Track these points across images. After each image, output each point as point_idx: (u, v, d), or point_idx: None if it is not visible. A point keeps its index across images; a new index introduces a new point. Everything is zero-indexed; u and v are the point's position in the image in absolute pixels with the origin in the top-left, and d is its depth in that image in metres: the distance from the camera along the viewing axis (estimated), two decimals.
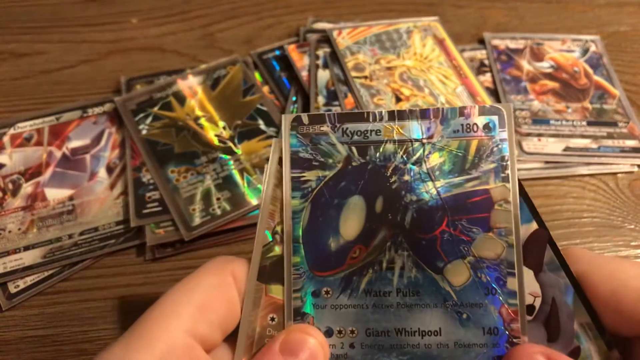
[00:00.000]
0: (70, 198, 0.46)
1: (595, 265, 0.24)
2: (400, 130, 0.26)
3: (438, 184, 0.26)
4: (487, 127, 0.26)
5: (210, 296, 0.24)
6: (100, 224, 0.45)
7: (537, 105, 0.52)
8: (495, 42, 0.58)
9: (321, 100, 0.51)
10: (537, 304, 0.24)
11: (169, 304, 0.24)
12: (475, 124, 0.26)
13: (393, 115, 0.26)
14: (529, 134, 0.50)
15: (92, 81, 0.55)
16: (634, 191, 0.48)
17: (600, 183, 0.48)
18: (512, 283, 0.24)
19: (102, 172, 0.48)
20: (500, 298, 0.24)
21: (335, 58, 0.54)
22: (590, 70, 0.55)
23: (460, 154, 0.26)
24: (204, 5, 0.62)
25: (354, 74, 0.52)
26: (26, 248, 0.44)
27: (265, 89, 0.54)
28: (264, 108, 0.51)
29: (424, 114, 0.26)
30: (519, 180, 0.25)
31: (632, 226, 0.45)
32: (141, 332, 0.23)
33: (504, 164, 0.25)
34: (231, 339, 0.26)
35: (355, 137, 0.26)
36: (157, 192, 0.46)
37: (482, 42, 0.58)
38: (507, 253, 0.25)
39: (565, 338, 0.24)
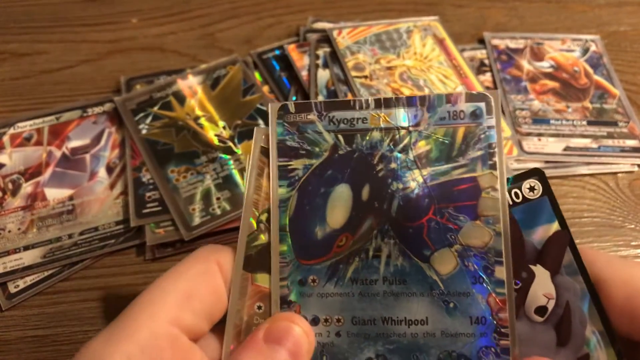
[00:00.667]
0: (70, 198, 0.46)
1: (611, 269, 0.24)
2: (386, 118, 0.26)
3: (424, 171, 0.25)
4: (474, 115, 0.25)
5: (195, 284, 0.24)
6: (100, 223, 0.45)
7: (537, 104, 0.52)
8: (495, 41, 0.58)
9: (321, 100, 0.51)
10: (550, 306, 0.24)
11: (154, 293, 0.24)
12: (462, 111, 0.25)
13: (379, 103, 0.26)
14: (529, 134, 0.50)
15: (92, 81, 0.55)
16: (634, 191, 0.48)
17: (600, 183, 0.48)
18: (500, 272, 0.24)
19: (102, 172, 0.48)
20: (488, 287, 0.24)
21: (335, 58, 0.54)
22: (590, 70, 0.55)
23: (447, 141, 0.25)
24: (204, 5, 0.62)
25: (354, 73, 0.52)
26: (26, 248, 0.44)
27: (265, 88, 0.54)
28: (264, 108, 0.51)
29: (410, 102, 0.26)
30: (545, 177, 0.24)
31: (633, 226, 0.45)
32: (125, 322, 0.23)
33: (491, 151, 0.25)
34: (219, 327, 0.26)
35: (342, 126, 0.26)
36: (157, 191, 0.46)
37: (482, 41, 0.58)
38: (494, 241, 0.24)
39: (575, 344, 0.23)
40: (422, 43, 0.56)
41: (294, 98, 0.52)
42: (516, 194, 0.24)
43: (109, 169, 0.48)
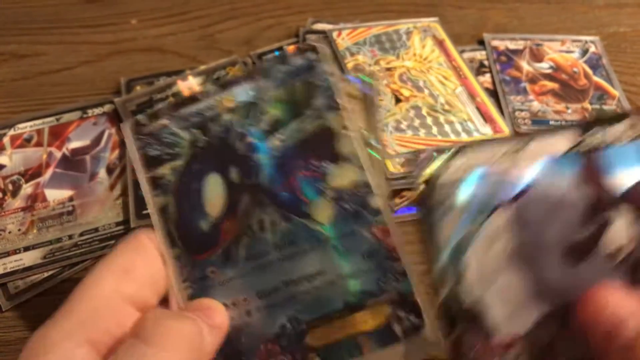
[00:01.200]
0: (71, 199, 0.46)
1: None
2: (231, 98, 0.27)
3: (281, 135, 0.26)
4: (308, 68, 0.26)
5: (131, 259, 0.25)
6: (101, 224, 0.45)
7: (536, 105, 0.52)
8: (495, 42, 0.58)
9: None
10: (628, 248, 0.23)
11: (93, 275, 0.24)
12: (296, 67, 0.26)
13: (220, 87, 0.27)
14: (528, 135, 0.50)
15: (92, 82, 0.55)
16: None
17: None
18: (374, 202, 0.25)
19: (102, 173, 0.48)
20: (368, 220, 0.25)
21: (334, 59, 0.54)
22: (589, 71, 0.55)
23: (290, 100, 0.26)
24: (203, 6, 0.62)
25: (353, 74, 0.52)
26: (26, 249, 0.44)
27: None
28: None
29: (248, 75, 0.27)
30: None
31: None
32: (67, 305, 0.24)
33: (330, 93, 0.26)
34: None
35: (194, 119, 0.27)
36: None
37: (481, 43, 0.58)
38: (360, 176, 0.25)
39: None
40: (421, 44, 0.56)
41: None
42: (607, 134, 0.24)
43: (109, 170, 0.48)
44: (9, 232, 0.45)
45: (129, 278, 0.24)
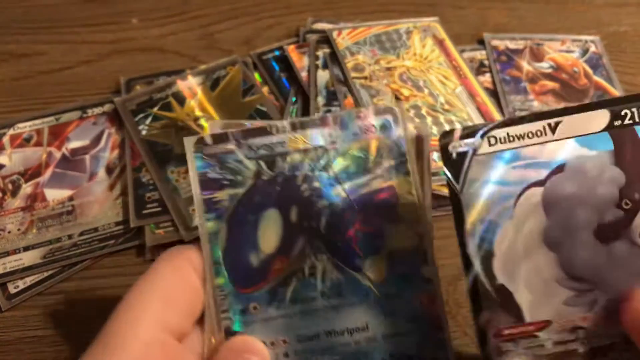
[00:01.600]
0: (70, 198, 0.46)
1: None
2: (303, 139, 0.26)
3: (346, 186, 0.26)
4: (383, 127, 0.26)
5: (173, 285, 0.24)
6: (100, 224, 0.45)
7: (536, 105, 0.52)
8: (495, 42, 0.58)
9: (321, 100, 0.51)
10: None
11: (135, 300, 0.24)
12: (372, 125, 0.27)
13: (295, 126, 0.27)
14: None
15: (91, 82, 0.55)
16: None
17: None
18: (426, 271, 0.25)
19: (101, 173, 0.48)
20: (417, 286, 0.25)
21: (334, 58, 0.54)
22: (590, 71, 0.55)
23: (362, 155, 0.26)
24: (203, 6, 0.62)
25: (353, 74, 0.52)
26: (26, 248, 0.44)
27: (265, 89, 0.54)
28: (264, 109, 0.52)
29: (324, 121, 0.27)
30: None
31: None
32: (113, 334, 0.23)
33: (404, 159, 0.26)
34: (201, 322, 0.26)
35: (262, 152, 0.26)
36: (156, 192, 0.46)
37: (481, 42, 0.58)
38: (417, 243, 0.26)
39: None
40: (421, 44, 0.56)
41: (293, 99, 0.52)
42: None
43: (109, 170, 0.48)
44: (9, 232, 0.45)
45: (172, 308, 0.24)
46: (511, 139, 0.24)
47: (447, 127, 0.49)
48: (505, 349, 0.23)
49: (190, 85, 0.53)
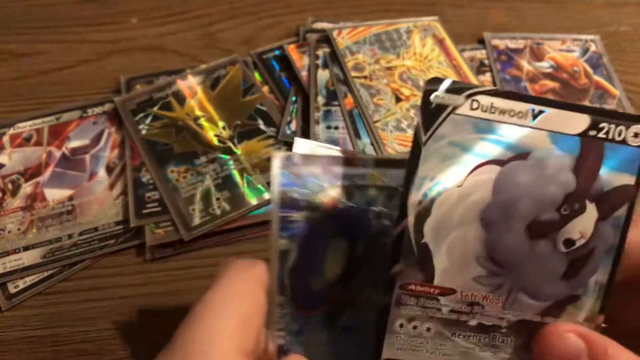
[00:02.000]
0: (70, 198, 0.46)
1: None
2: (383, 178, 0.27)
3: None
4: None
5: (248, 306, 0.24)
6: (100, 224, 0.45)
7: None
8: (495, 42, 0.58)
9: (321, 100, 0.51)
10: (579, 243, 0.24)
11: (211, 319, 0.23)
12: None
13: (379, 163, 0.27)
14: None
15: (91, 81, 0.55)
16: None
17: None
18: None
19: (101, 172, 0.48)
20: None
21: (335, 58, 0.54)
22: (590, 70, 0.55)
23: None
24: (203, 5, 0.62)
25: (353, 73, 0.52)
26: (26, 248, 0.44)
27: (265, 88, 0.54)
28: (264, 108, 0.51)
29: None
30: None
31: None
32: (192, 354, 0.22)
33: None
34: None
35: (344, 181, 0.27)
36: (156, 192, 0.46)
37: (482, 42, 0.58)
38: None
39: (576, 283, 0.24)
40: (421, 43, 0.56)
41: (293, 98, 0.52)
42: (619, 132, 0.24)
43: (109, 169, 0.48)
44: (9, 232, 0.44)
45: (248, 331, 0.23)
46: (493, 110, 0.24)
47: None
48: (405, 302, 0.24)
49: (191, 84, 0.53)
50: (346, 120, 0.49)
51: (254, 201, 0.45)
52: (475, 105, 0.24)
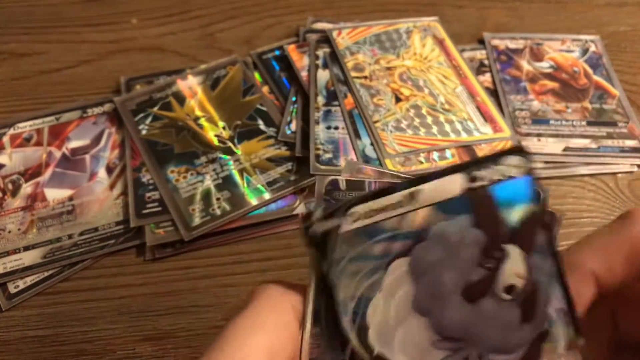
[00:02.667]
0: (70, 198, 0.46)
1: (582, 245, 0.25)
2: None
3: None
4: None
5: (277, 338, 0.22)
6: (100, 224, 0.45)
7: (536, 105, 0.52)
8: (495, 42, 0.58)
9: (321, 100, 0.51)
10: (520, 285, 0.24)
11: (238, 350, 0.22)
12: None
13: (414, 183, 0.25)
14: (528, 134, 0.50)
15: (91, 81, 0.55)
16: (634, 191, 0.48)
17: (600, 183, 0.48)
18: None
19: (101, 172, 0.48)
20: None
21: (335, 58, 0.54)
22: (590, 70, 0.55)
23: None
24: (203, 6, 0.62)
25: (353, 74, 0.52)
26: (26, 248, 0.44)
27: (265, 89, 0.54)
28: (264, 108, 0.52)
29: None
30: (529, 156, 0.24)
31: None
32: None
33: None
34: None
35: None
36: (156, 192, 0.46)
37: (481, 42, 0.58)
38: None
39: (538, 320, 0.24)
40: (421, 43, 0.56)
41: (293, 98, 0.52)
42: (495, 172, 0.24)
43: (109, 170, 0.48)
44: (9, 232, 0.45)
45: None
46: (372, 213, 0.24)
47: (447, 127, 0.49)
48: None
49: (191, 84, 0.53)
50: (346, 120, 0.49)
51: (254, 201, 0.45)
52: (355, 216, 0.24)
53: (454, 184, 0.24)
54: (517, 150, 0.24)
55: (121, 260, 0.44)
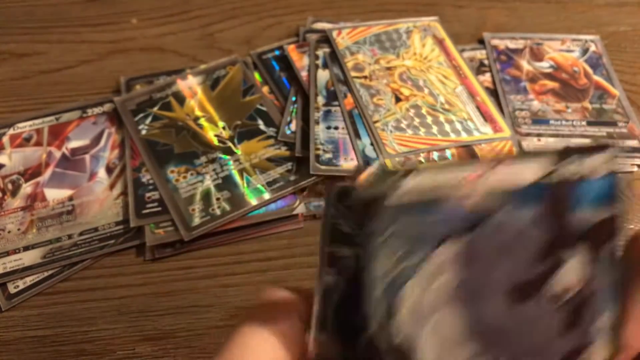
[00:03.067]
0: (70, 198, 0.46)
1: None
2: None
3: None
4: None
5: (281, 348, 0.21)
6: (100, 224, 0.45)
7: (536, 105, 0.52)
8: (495, 42, 0.58)
9: (321, 100, 0.51)
10: (576, 289, 0.22)
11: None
12: None
13: None
14: (528, 134, 0.50)
15: (91, 81, 0.55)
16: (634, 191, 0.48)
17: None
18: None
19: (101, 172, 0.48)
20: None
21: (334, 58, 0.54)
22: (590, 70, 0.55)
23: None
24: (203, 6, 0.62)
25: (353, 74, 0.52)
26: (26, 248, 0.44)
27: (265, 89, 0.54)
28: (264, 108, 0.52)
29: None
30: (617, 156, 0.22)
31: (632, 226, 0.45)
32: None
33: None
34: None
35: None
36: (156, 192, 0.46)
37: (481, 42, 0.58)
38: None
39: (580, 332, 0.22)
40: (421, 43, 0.56)
41: (293, 98, 0.52)
42: (578, 169, 0.22)
43: (109, 170, 0.48)
44: (9, 232, 0.45)
45: None
46: (428, 188, 0.21)
47: (447, 127, 0.49)
48: None
49: (190, 84, 0.53)
50: (346, 120, 0.49)
51: (253, 201, 0.45)
52: (406, 188, 0.21)
53: (529, 172, 0.21)
54: (606, 147, 0.22)
55: (121, 260, 0.44)
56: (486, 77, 0.55)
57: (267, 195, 0.46)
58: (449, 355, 0.22)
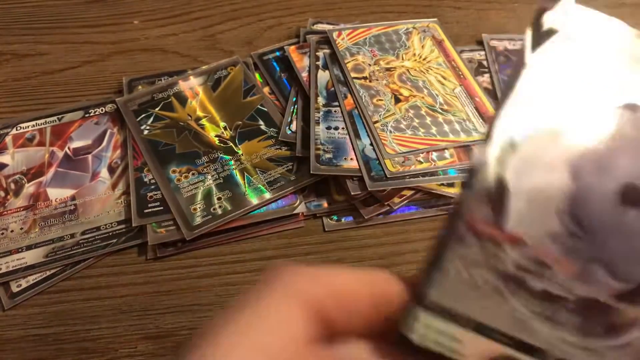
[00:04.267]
0: (72, 198, 0.47)
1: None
2: None
3: None
4: None
5: (279, 339, 0.18)
6: (102, 223, 0.45)
7: None
8: (494, 43, 0.58)
9: (321, 101, 0.51)
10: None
11: (226, 352, 0.17)
12: None
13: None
14: None
15: (94, 82, 0.56)
16: None
17: None
18: None
19: (104, 172, 0.48)
20: None
21: (335, 59, 0.54)
22: None
23: None
24: (205, 7, 0.63)
25: (353, 74, 0.52)
26: (28, 247, 0.44)
27: (266, 89, 0.54)
28: (265, 108, 0.52)
29: None
30: None
31: None
32: None
33: None
34: None
35: None
36: (158, 191, 0.46)
37: (480, 43, 0.58)
38: None
39: None
40: (421, 44, 0.56)
41: (294, 99, 0.52)
42: None
43: (111, 169, 0.48)
44: (11, 231, 0.45)
45: None
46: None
47: (446, 128, 0.49)
48: (466, 241, 0.20)
49: (192, 85, 0.53)
50: (346, 120, 0.49)
51: (254, 201, 0.46)
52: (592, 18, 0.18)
53: None
54: None
55: (123, 259, 0.44)
56: (485, 78, 0.55)
57: (267, 195, 0.46)
58: (535, 219, 0.19)
